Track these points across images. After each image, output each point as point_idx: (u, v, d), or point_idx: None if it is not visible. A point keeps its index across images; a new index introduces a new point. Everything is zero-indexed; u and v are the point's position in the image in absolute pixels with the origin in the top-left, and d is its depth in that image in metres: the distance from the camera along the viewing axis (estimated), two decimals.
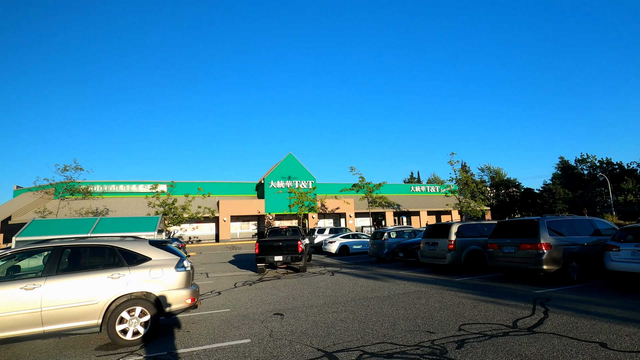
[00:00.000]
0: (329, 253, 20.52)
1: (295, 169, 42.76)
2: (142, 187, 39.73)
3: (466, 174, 38.89)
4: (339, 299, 8.09)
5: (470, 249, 10.73)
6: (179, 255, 5.97)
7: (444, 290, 8.49)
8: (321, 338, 5.23)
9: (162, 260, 5.70)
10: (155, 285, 5.50)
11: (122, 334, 5.23)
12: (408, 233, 17.14)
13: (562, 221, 9.10)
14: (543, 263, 8.33)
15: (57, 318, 4.93)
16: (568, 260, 8.53)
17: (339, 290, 9.22)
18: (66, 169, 27.76)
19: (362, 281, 10.63)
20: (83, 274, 5.22)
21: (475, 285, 9.01)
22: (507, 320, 5.66)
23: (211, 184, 42.14)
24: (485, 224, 11.38)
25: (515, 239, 9.06)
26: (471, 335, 4.97)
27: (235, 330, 5.85)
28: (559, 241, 8.61)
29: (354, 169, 35.89)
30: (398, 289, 9.08)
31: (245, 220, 43.33)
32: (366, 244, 20.73)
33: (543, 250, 8.41)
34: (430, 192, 54.63)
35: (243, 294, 9.37)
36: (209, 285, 11.05)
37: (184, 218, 31.15)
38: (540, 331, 5.03)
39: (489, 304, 6.86)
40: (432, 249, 11.28)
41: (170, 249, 6.06)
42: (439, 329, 5.36)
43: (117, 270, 5.39)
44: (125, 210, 35.74)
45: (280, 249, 12.99)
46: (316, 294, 8.92)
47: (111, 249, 5.57)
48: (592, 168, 62.62)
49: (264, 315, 6.85)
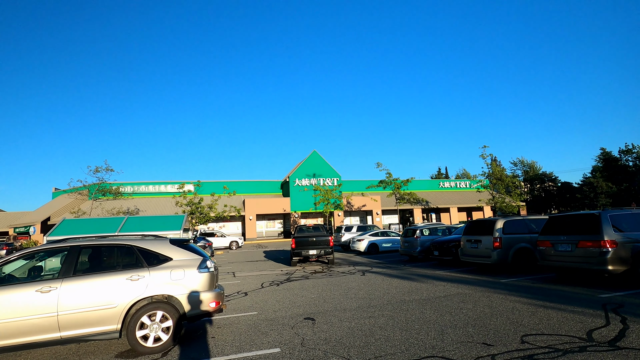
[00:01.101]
0: (358, 251, 19.83)
1: (319, 167, 42.25)
2: (170, 187, 40.56)
3: (498, 167, 36.92)
4: (374, 302, 7.43)
5: (518, 247, 9.71)
6: (202, 255, 5.52)
7: (491, 293, 7.63)
8: (359, 349, 4.60)
9: (184, 261, 5.26)
10: (177, 287, 5.07)
11: (142, 340, 4.83)
12: (442, 230, 16.16)
13: (627, 215, 7.96)
14: (608, 263, 7.29)
15: (74, 323, 4.58)
16: (637, 260, 7.43)
17: (373, 292, 8.55)
18: (97, 170, 28.61)
19: (396, 282, 9.90)
20: (101, 276, 4.86)
21: (525, 288, 8.08)
22: (579, 331, 4.80)
23: (236, 183, 42.42)
24: (534, 220, 10.29)
25: (573, 236, 8.03)
26: (540, 350, 4.18)
27: (264, 337, 5.34)
28: (626, 238, 7.52)
29: (380, 165, 34.98)
30: (437, 290, 8.30)
31: (270, 218, 43.33)
32: (396, 242, 19.88)
33: (608, 248, 7.36)
34: (460, 187, 52.57)
35: (270, 295, 8.90)
36: (235, 286, 10.68)
37: (211, 217, 31.38)
38: (626, 346, 4.16)
39: (549, 310, 5.98)
40: (475, 247, 10.33)
41: (193, 248, 5.63)
42: (497, 341, 4.60)
43: (137, 272, 4.99)
44: (154, 210, 36.56)
45: (314, 244, 14.74)
46: (348, 295, 8.30)
47: (130, 248, 5.19)
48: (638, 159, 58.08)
49: (294, 319, 6.31)
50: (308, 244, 14.74)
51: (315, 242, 14.77)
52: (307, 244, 14.74)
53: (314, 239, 14.79)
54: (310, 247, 14.71)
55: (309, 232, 15.55)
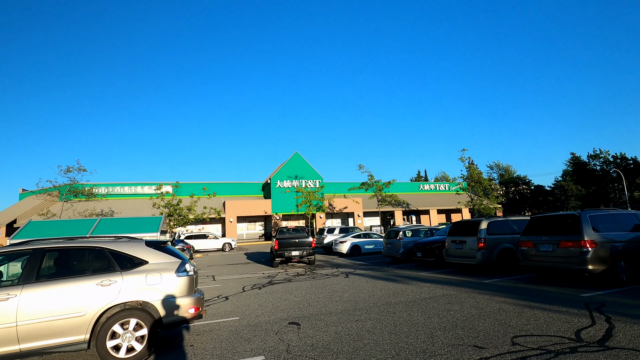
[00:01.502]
0: (340, 253, 19.68)
1: (302, 168, 41.97)
2: (147, 188, 39.21)
3: (477, 170, 37.78)
4: (360, 305, 7.25)
5: (501, 248, 9.79)
6: (180, 257, 5.18)
7: (476, 294, 7.61)
8: (348, 355, 4.40)
9: (161, 264, 4.91)
10: (153, 293, 4.72)
11: (114, 351, 4.45)
12: (424, 232, 16.23)
13: (606, 215, 8.16)
14: (588, 262, 7.41)
15: (36, 334, 4.16)
16: (616, 259, 7.60)
17: (358, 294, 8.38)
18: (69, 170, 27.21)
19: (381, 283, 9.78)
20: (67, 281, 4.45)
21: (509, 288, 8.12)
22: (567, 332, 4.78)
23: (217, 185, 41.52)
24: (516, 221, 10.43)
25: (554, 236, 8.14)
26: (532, 352, 4.11)
27: (247, 344, 5.05)
28: (605, 238, 7.69)
29: (362, 167, 35.13)
30: (423, 292, 8.22)
31: (251, 220, 42.65)
32: (378, 244, 19.87)
33: (588, 248, 7.49)
34: (440, 190, 53.51)
35: (253, 299, 8.58)
36: (216, 290, 10.28)
37: (190, 219, 30.46)
38: (615, 346, 4.15)
39: (535, 311, 5.97)
40: (460, 248, 10.36)
41: (171, 250, 5.28)
42: (488, 343, 4.50)
43: (108, 276, 4.61)
44: (130, 212, 35.23)
45: (297, 245, 15.15)
46: (333, 298, 8.10)
47: (100, 251, 4.79)
48: (605, 164, 60.84)
49: (278, 324, 6.04)
50: (291, 245, 15.13)
51: (297, 243, 15.21)
52: (289, 245, 15.12)
53: (296, 241, 15.24)
54: (293, 248, 15.12)
55: (290, 233, 15.97)
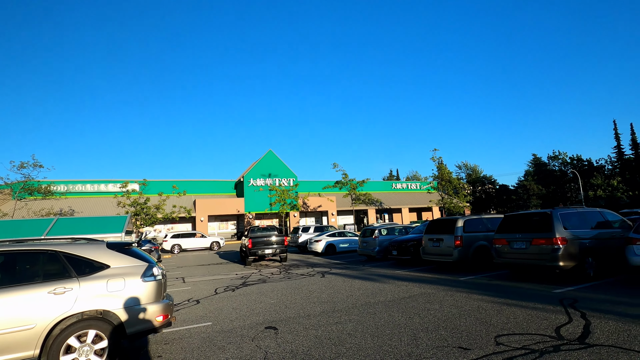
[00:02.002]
0: (315, 252, 19.46)
1: (275, 166, 41.36)
2: (112, 186, 37.18)
3: (447, 170, 38.87)
4: (338, 306, 7.05)
5: (477, 245, 9.94)
6: (147, 260, 4.73)
7: (454, 292, 7.62)
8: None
9: (125, 268, 4.45)
10: (115, 300, 4.25)
11: None
12: (399, 230, 16.34)
13: (574, 213, 8.44)
14: (559, 259, 7.62)
15: None
16: (584, 256, 7.87)
17: (335, 295, 8.18)
18: (23, 166, 25.19)
19: (358, 283, 9.65)
20: (12, 290, 3.91)
21: (485, 285, 8.21)
22: (547, 329, 4.79)
23: (187, 183, 40.09)
24: (490, 219, 10.65)
25: (527, 234, 8.32)
26: (517, 352, 4.05)
27: (221, 353, 4.69)
28: (574, 235, 7.94)
29: (337, 165, 35.09)
30: (401, 291, 8.15)
31: (223, 219, 41.55)
32: (353, 242, 19.84)
33: (559, 245, 7.69)
34: (411, 189, 54.62)
35: (226, 301, 8.16)
36: (186, 293, 9.74)
37: (158, 218, 29.20)
38: (595, 343, 4.17)
39: (513, 308, 6.01)
40: (437, 246, 10.42)
41: (136, 252, 4.81)
42: (472, 343, 4.42)
43: (63, 283, 4.10)
44: (93, 212, 33.25)
45: (270, 243, 15.71)
46: (310, 299, 7.85)
47: (54, 254, 4.26)
48: (563, 165, 64.65)
49: (254, 329, 5.70)
50: (264, 244, 15.66)
51: (270, 241, 15.80)
52: (263, 244, 15.64)
53: (269, 239, 15.80)
54: (266, 246, 15.68)
55: (262, 232, 16.17)
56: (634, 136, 57.39)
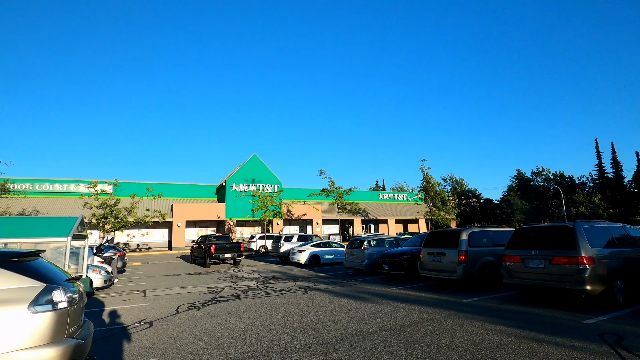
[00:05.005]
0: (298, 263, 17.95)
1: (260, 172, 39.75)
2: (83, 186, 34.68)
3: (435, 182, 38.13)
4: (323, 336, 5.62)
5: (483, 261, 8.69)
6: (49, 280, 3.23)
7: (463, 320, 6.31)
8: None
9: (4, 292, 2.94)
10: None
11: None
12: (389, 241, 15.04)
13: (599, 228, 7.31)
14: (586, 282, 6.42)
15: None
16: (613, 279, 6.70)
17: (320, 319, 6.74)
18: None
19: (346, 303, 8.24)
20: None
21: (496, 310, 6.94)
22: None
23: (164, 185, 37.99)
24: (496, 232, 9.45)
25: (545, 251, 7.12)
26: None
27: None
28: (602, 254, 6.78)
29: (323, 172, 33.82)
30: (398, 316, 6.78)
31: (202, 226, 39.44)
32: (339, 254, 18.45)
33: (585, 265, 6.51)
34: (398, 200, 53.83)
35: (185, 325, 6.60)
36: (141, 311, 8.10)
37: (129, 222, 27.07)
38: None
39: (546, 347, 4.72)
40: (438, 261, 9.10)
41: (34, 268, 3.29)
42: None
43: None
44: (59, 213, 30.80)
45: (230, 249, 18.55)
46: (289, 325, 6.39)
47: None
48: (546, 181, 65.29)
49: None
50: (225, 249, 18.34)
51: (230, 247, 18.57)
52: (224, 249, 18.31)
53: (229, 245, 18.59)
54: (227, 251, 18.33)
55: (221, 240, 19.54)
56: (614, 155, 58.54)
